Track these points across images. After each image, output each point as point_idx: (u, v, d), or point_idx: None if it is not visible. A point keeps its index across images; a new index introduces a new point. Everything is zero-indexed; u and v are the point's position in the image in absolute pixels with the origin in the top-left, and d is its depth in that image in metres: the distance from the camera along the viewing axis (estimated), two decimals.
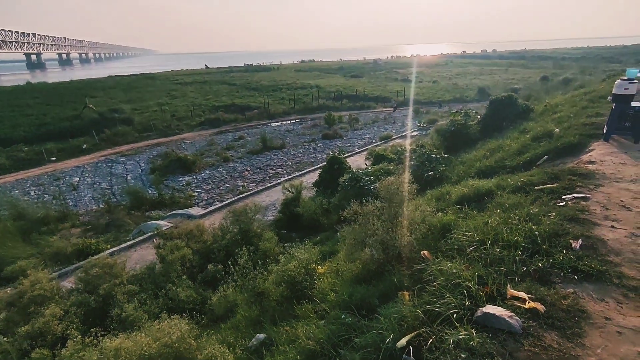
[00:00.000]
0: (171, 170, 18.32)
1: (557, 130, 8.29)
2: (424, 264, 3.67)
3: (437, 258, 3.67)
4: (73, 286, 7.44)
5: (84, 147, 23.04)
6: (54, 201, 15.14)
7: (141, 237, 11.24)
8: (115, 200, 15.48)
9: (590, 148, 6.65)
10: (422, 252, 3.97)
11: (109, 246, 10.78)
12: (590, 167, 5.64)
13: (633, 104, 6.71)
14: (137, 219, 13.32)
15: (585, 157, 6.22)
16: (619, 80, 6.77)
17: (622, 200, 4.46)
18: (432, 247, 4.13)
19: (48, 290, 6.48)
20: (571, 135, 7.44)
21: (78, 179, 18.11)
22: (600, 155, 6.14)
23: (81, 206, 15.07)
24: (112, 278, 6.82)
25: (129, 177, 18.26)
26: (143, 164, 20.13)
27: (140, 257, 10.15)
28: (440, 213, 5.03)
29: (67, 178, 18.22)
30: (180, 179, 17.46)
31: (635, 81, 6.70)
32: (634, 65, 31.58)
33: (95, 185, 17.26)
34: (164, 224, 11.77)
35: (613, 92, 6.86)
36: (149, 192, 15.97)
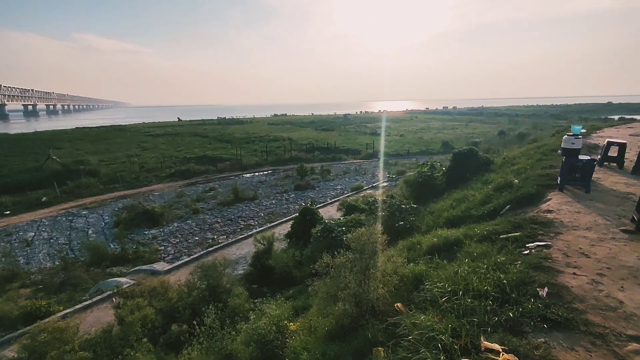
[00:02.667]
0: (137, 223, 17.54)
1: (516, 181, 8.78)
2: (398, 317, 3.60)
3: (411, 310, 3.63)
4: (15, 355, 6.64)
5: (43, 200, 21.84)
6: (2, 259, 13.95)
7: (99, 297, 10.41)
8: (73, 256, 14.46)
9: (548, 198, 7.05)
10: (395, 305, 3.92)
11: (61, 308, 9.87)
12: (549, 216, 5.94)
13: (580, 157, 7.30)
14: (96, 276, 12.42)
15: (543, 206, 6.57)
16: (566, 136, 7.40)
17: (580, 248, 4.68)
18: (405, 299, 4.09)
19: None
20: (529, 186, 7.88)
21: (33, 234, 16.93)
22: (557, 204, 6.50)
23: (34, 264, 13.93)
24: (62, 344, 6.17)
25: (90, 231, 17.27)
26: (107, 217, 19.21)
27: (97, 318, 9.33)
28: (412, 264, 5.05)
29: (20, 233, 16.98)
30: (146, 233, 16.71)
31: (579, 136, 7.36)
32: (577, 122, 34.73)
33: (52, 241, 16.15)
34: (125, 281, 11.02)
35: (562, 146, 7.46)
36: (111, 246, 15.10)
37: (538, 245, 4.78)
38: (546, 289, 3.61)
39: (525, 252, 4.64)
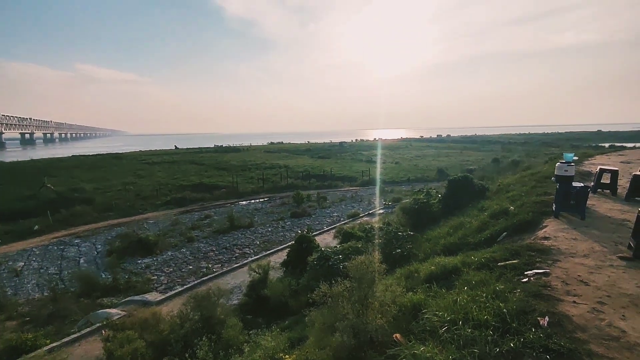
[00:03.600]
0: (130, 252, 17.24)
1: (511, 208, 8.82)
2: (397, 348, 3.50)
3: (410, 341, 3.54)
4: None
5: (35, 228, 21.51)
6: None
7: (88, 329, 10.05)
8: (63, 286, 14.08)
9: (544, 224, 7.06)
10: (394, 335, 3.82)
11: (48, 341, 9.48)
12: (546, 243, 5.93)
13: (574, 184, 7.38)
14: (86, 307, 12.05)
15: (540, 233, 6.57)
16: (558, 163, 7.51)
17: (579, 275, 4.65)
18: (404, 329, 4.00)
19: None
20: (525, 213, 7.91)
21: (23, 263, 16.54)
22: (554, 231, 6.50)
23: (22, 295, 13.53)
24: None
25: (81, 261, 16.92)
26: (99, 246, 18.89)
27: (85, 352, 8.97)
28: (410, 292, 4.96)
29: (9, 263, 16.59)
30: (140, 262, 16.39)
31: (572, 164, 7.47)
32: (569, 150, 35.32)
33: (41, 271, 15.76)
34: (115, 312, 10.69)
35: (555, 173, 7.55)
36: (103, 276, 14.75)
37: (537, 273, 4.74)
38: (547, 318, 3.55)
39: (524, 280, 4.59)
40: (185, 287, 13.15)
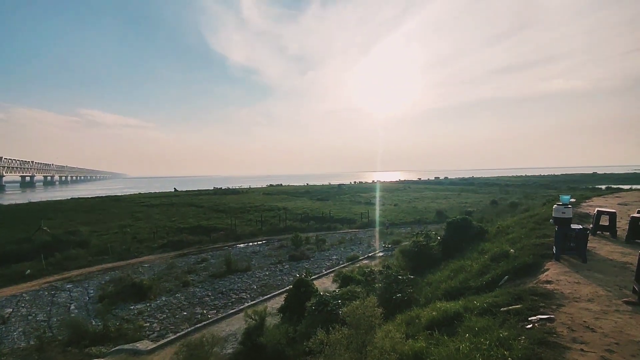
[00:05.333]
0: (123, 297, 16.70)
1: (512, 250, 8.72)
2: None
3: None
4: None
5: (27, 272, 20.99)
6: None
7: None
8: (50, 334, 13.50)
9: (545, 268, 6.95)
10: None
11: None
12: (549, 286, 5.80)
13: (573, 226, 7.36)
14: (73, 357, 11.47)
15: (542, 276, 6.45)
16: (556, 206, 7.54)
17: (585, 321, 4.51)
18: None
19: None
20: (526, 256, 7.81)
21: (11, 310, 15.95)
22: (556, 274, 6.39)
23: (7, 343, 12.91)
24: None
25: (72, 307, 16.34)
26: (92, 291, 18.33)
27: None
28: (410, 340, 4.78)
29: None
30: (132, 307, 15.84)
31: (569, 206, 7.50)
32: (566, 192, 35.53)
33: (29, 318, 15.17)
34: None
35: (553, 215, 7.56)
36: (93, 323, 14.18)
37: (541, 319, 4.60)
38: None
39: (529, 326, 4.45)
40: (178, 334, 12.63)
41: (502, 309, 5.14)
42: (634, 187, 34.45)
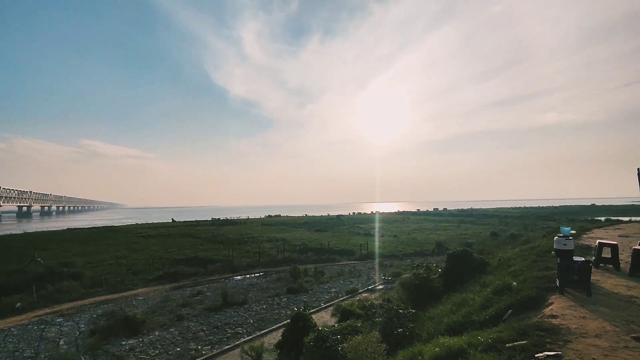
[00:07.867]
0: (115, 332, 16.13)
1: (514, 283, 8.55)
2: None
3: None
4: None
5: (17, 306, 20.39)
6: None
7: None
8: None
9: (550, 301, 6.79)
10: None
11: None
12: (554, 321, 5.65)
13: (575, 258, 7.26)
14: None
15: (547, 311, 6.29)
16: (556, 237, 7.48)
17: (593, 358, 4.36)
18: None
19: None
20: (529, 289, 7.65)
21: None
22: (561, 309, 6.24)
23: None
24: None
25: (61, 342, 15.73)
26: (83, 325, 17.74)
27: None
28: None
29: None
30: (124, 343, 15.27)
31: (570, 237, 7.44)
32: (566, 224, 35.44)
33: (16, 354, 14.56)
34: None
35: (555, 247, 7.48)
36: (82, 359, 13.63)
37: (548, 356, 4.44)
38: None
39: None
40: None
41: (507, 345, 4.97)
42: (633, 219, 34.42)
